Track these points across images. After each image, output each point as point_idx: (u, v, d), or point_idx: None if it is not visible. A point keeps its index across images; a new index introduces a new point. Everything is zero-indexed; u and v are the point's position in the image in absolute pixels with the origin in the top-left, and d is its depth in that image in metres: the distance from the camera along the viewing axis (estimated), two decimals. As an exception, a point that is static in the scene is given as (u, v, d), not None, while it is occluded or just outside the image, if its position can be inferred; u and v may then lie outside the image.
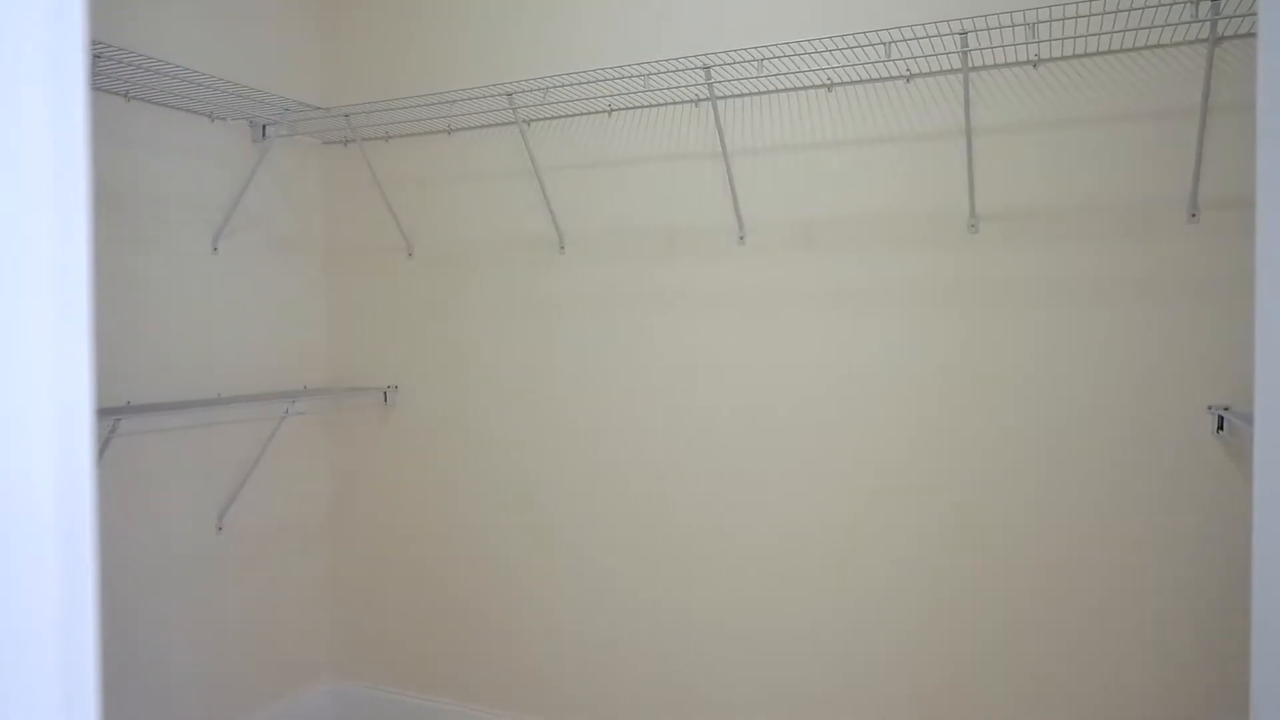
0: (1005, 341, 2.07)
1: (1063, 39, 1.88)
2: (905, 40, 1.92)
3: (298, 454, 2.76)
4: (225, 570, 2.52)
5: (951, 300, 2.11)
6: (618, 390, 2.47)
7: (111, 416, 1.99)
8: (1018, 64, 2.03)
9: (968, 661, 2.12)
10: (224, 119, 2.50)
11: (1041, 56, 2.00)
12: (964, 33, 1.84)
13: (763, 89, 2.25)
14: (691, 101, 2.35)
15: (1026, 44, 1.89)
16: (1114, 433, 1.98)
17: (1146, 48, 1.93)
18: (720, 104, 2.32)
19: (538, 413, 2.57)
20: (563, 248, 2.52)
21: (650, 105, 2.39)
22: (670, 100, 2.36)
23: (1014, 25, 1.83)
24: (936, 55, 2.00)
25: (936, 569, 2.14)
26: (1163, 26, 1.81)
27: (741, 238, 2.32)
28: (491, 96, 2.30)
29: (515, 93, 2.28)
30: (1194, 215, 1.90)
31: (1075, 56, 1.98)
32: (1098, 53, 1.96)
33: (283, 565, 2.71)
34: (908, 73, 2.12)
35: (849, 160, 2.20)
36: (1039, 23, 1.81)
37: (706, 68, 2.05)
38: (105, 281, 2.20)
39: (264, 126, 2.58)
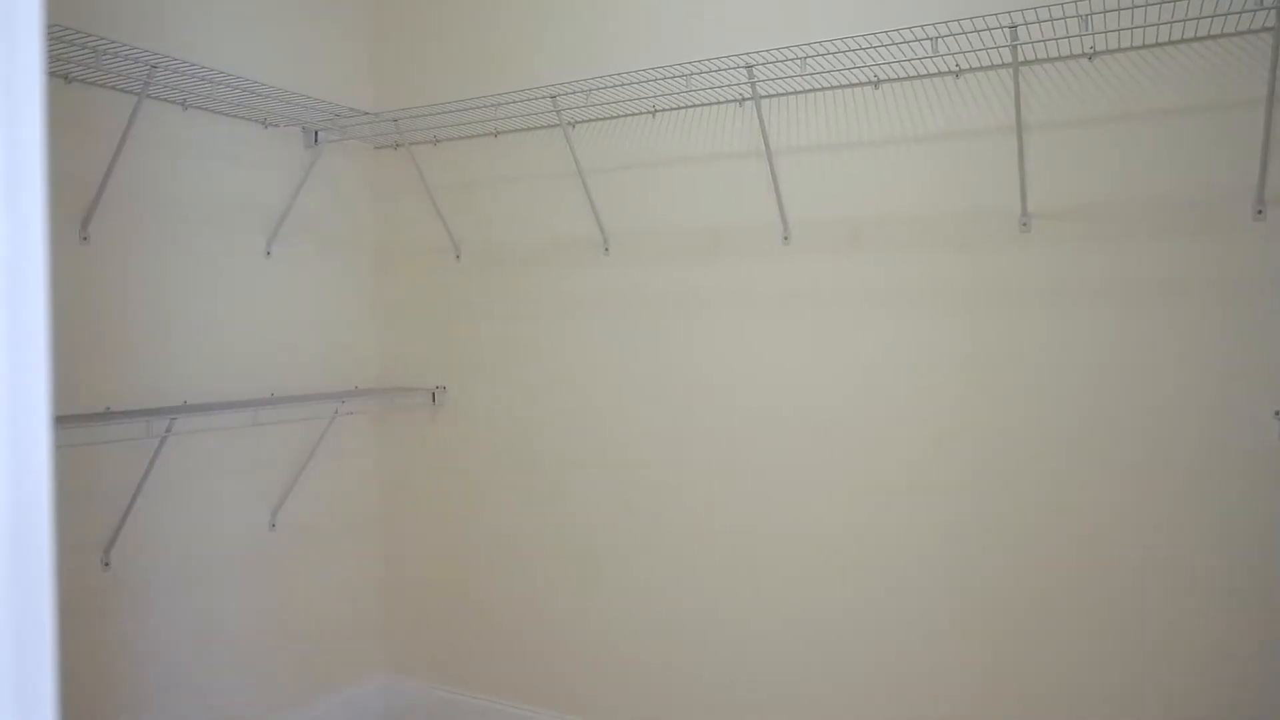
0: (1059, 342, 2.00)
1: (1119, 30, 1.81)
2: (953, 35, 1.87)
3: (348, 453, 2.81)
4: (279, 566, 2.58)
5: (1002, 300, 2.05)
6: (662, 391, 2.46)
7: (167, 415, 2.05)
8: (1072, 57, 1.96)
9: (1024, 663, 2.06)
10: (277, 125, 2.56)
11: (1097, 49, 1.93)
12: (1013, 26, 1.78)
13: (806, 87, 2.22)
14: (735, 101, 2.33)
15: (1080, 36, 1.83)
16: (1175, 438, 1.90)
17: (1209, 37, 1.85)
18: (764, 103, 2.29)
19: (583, 413, 2.57)
20: (607, 249, 2.52)
21: (693, 105, 2.38)
22: (713, 100, 2.34)
23: (1066, 17, 1.77)
24: (986, 50, 1.95)
25: (1004, 574, 2.09)
26: (1225, 15, 1.73)
27: (786, 238, 2.29)
28: (535, 99, 2.31)
29: (559, 95, 2.29)
30: (1260, 212, 1.82)
31: (1133, 48, 1.91)
32: (1157, 44, 1.89)
33: (335, 562, 2.76)
34: (956, 68, 2.07)
35: (896, 158, 2.15)
36: (1093, 14, 1.74)
37: (749, 67, 2.03)
38: (162, 285, 2.27)
39: (316, 132, 2.64)
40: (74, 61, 2.00)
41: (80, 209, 2.09)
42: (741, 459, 2.36)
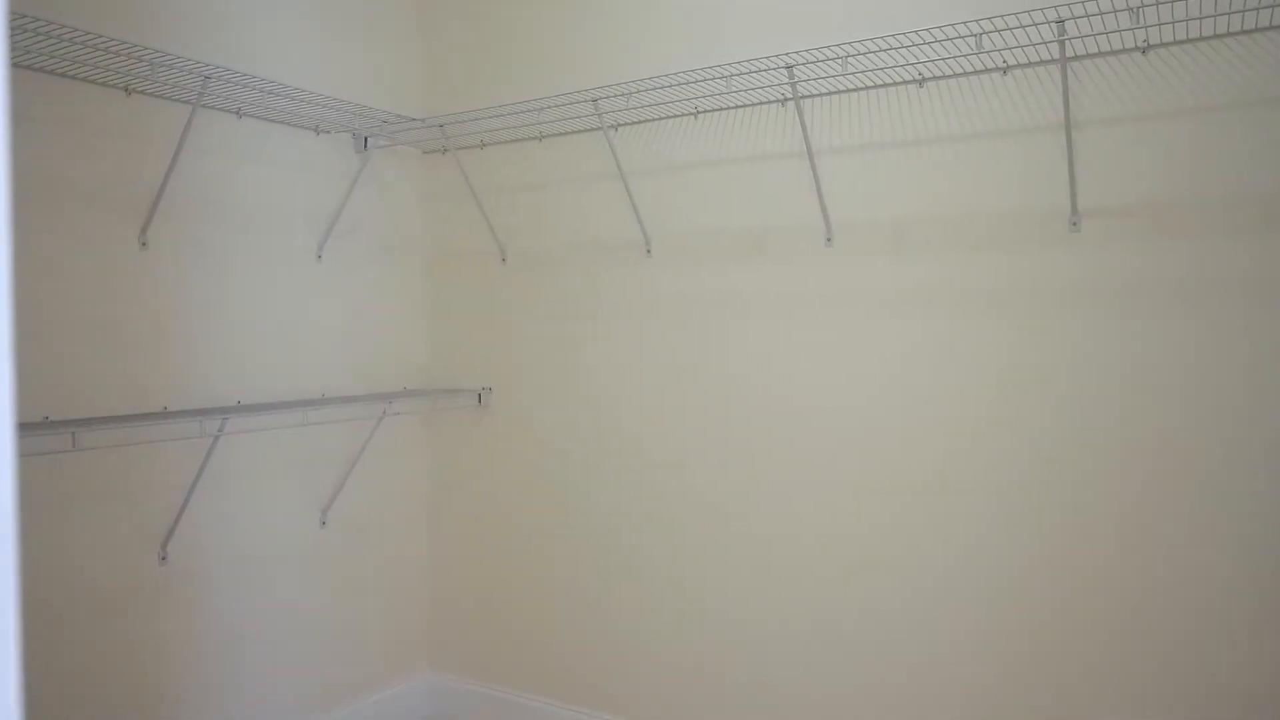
0: (1110, 342, 1.94)
1: (1172, 23, 1.74)
2: (997, 31, 1.83)
3: (397, 452, 2.86)
4: (329, 562, 2.64)
5: (1052, 301, 2.00)
6: (705, 392, 2.45)
7: (220, 415, 2.12)
8: (1124, 51, 1.90)
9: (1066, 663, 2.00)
10: (328, 132, 2.62)
11: (1151, 42, 1.87)
12: (1060, 21, 1.73)
13: (848, 87, 2.19)
14: (778, 101, 2.31)
15: (1133, 29, 1.77)
16: (1232, 440, 1.83)
17: (1271, 28, 1.77)
18: (805, 103, 2.27)
19: (625, 414, 2.58)
20: (649, 251, 2.53)
21: (735, 107, 2.37)
22: (754, 101, 2.33)
23: (1116, 10, 1.71)
24: (1034, 45, 1.89)
25: (1037, 575, 2.03)
26: (1286, 5, 1.65)
27: (829, 239, 2.26)
28: (577, 103, 2.32)
29: (600, 99, 2.30)
30: (1325, 210, 1.73)
31: (1189, 41, 1.84)
32: (1214, 36, 1.82)
33: (383, 559, 2.82)
34: (1004, 64, 2.02)
35: (941, 157, 2.11)
36: (1144, 6, 1.68)
37: (789, 67, 2.01)
38: (217, 289, 2.34)
39: (365, 138, 2.69)
40: (132, 74, 2.07)
41: (139, 216, 2.17)
42: (786, 461, 2.34)
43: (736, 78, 2.23)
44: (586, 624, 2.66)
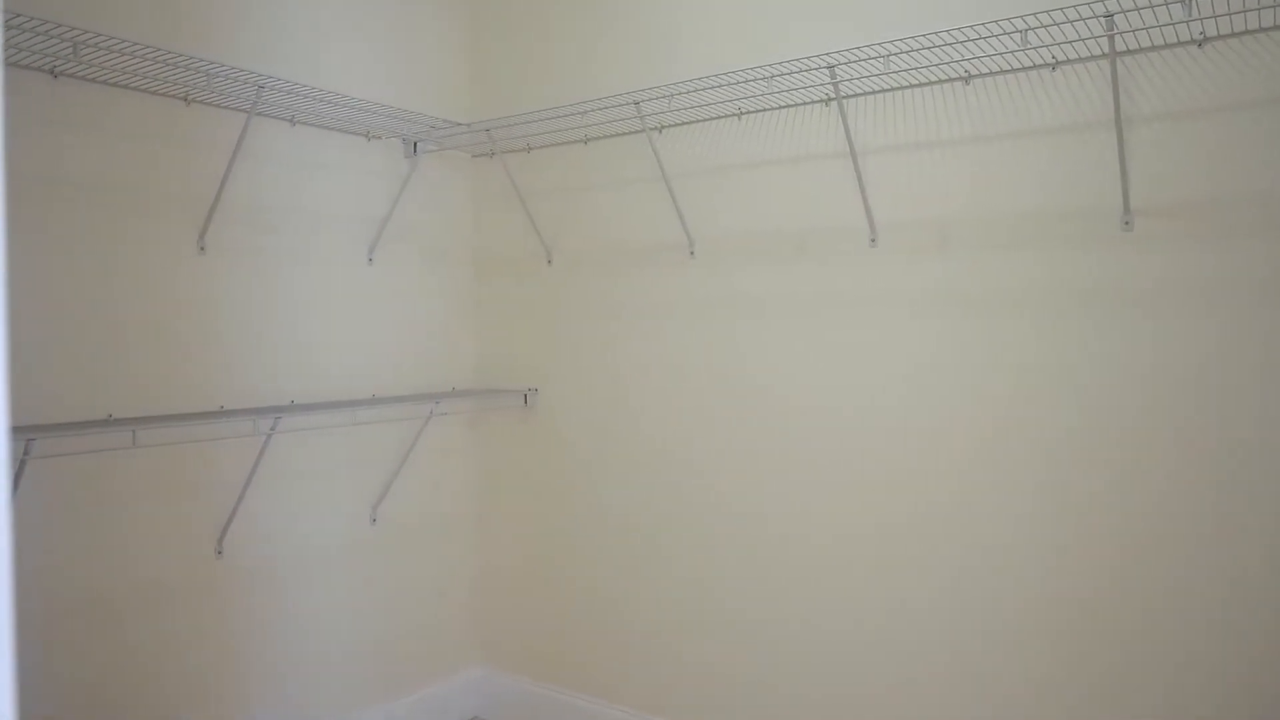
0: (1164, 344, 1.88)
1: (1229, 14, 1.68)
2: (1044, 27, 1.79)
3: (445, 451, 2.91)
4: (379, 559, 2.70)
5: (1104, 302, 1.94)
6: (747, 392, 2.44)
7: (273, 414, 2.18)
8: (1179, 44, 1.84)
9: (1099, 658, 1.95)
10: (379, 137, 2.68)
11: (1207, 34, 1.81)
12: (1109, 15, 1.69)
13: (892, 85, 2.16)
14: (821, 101, 2.30)
15: (1187, 22, 1.71)
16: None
17: (1335, 18, 1.70)
18: (848, 102, 2.25)
19: (670, 415, 2.59)
20: (693, 253, 2.53)
21: (777, 107, 2.36)
22: (797, 101, 2.31)
23: (1168, 3, 1.66)
24: (1083, 40, 1.85)
25: (1071, 574, 1.98)
26: (1350, -7, 1.59)
27: (873, 240, 2.24)
28: (620, 105, 2.34)
29: (642, 100, 2.31)
30: (1394, 207, 1.66)
31: (1247, 32, 1.77)
32: (1275, 26, 1.75)
33: (432, 556, 2.87)
34: (1053, 60, 1.98)
35: (988, 156, 2.07)
36: (1197, -2, 1.63)
37: (831, 66, 2.00)
38: (271, 291, 2.42)
39: (415, 143, 2.75)
40: (190, 85, 2.15)
41: (198, 221, 2.25)
42: (834, 461, 2.32)
43: (778, 78, 2.22)
44: (632, 623, 2.68)
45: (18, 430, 1.78)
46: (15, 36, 1.77)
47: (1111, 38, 1.71)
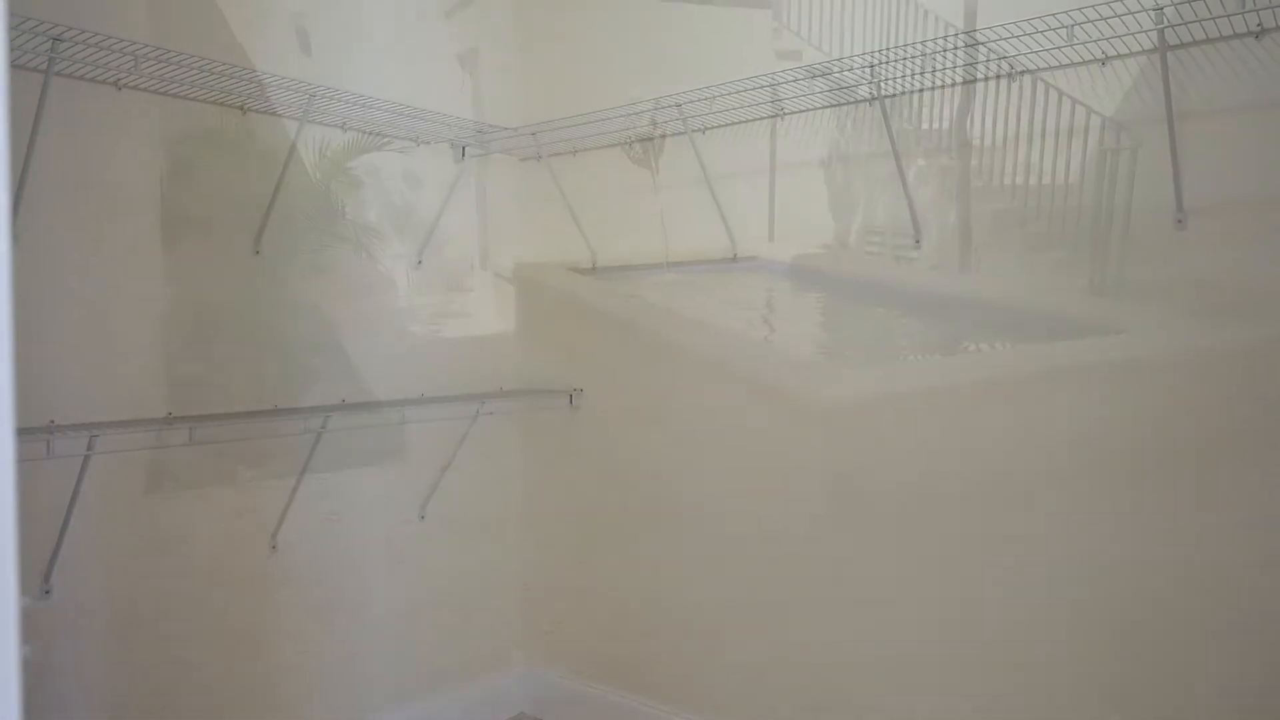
0: (1218, 347, 1.82)
1: (1286, 5, 1.62)
2: (1090, 21, 1.75)
3: (491, 451, 2.96)
4: (427, 556, 2.76)
5: (1155, 302, 1.89)
6: (792, 395, 2.43)
7: (322, 413, 2.25)
8: (1235, 36, 1.78)
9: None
10: (427, 142, 2.73)
11: (1264, 26, 1.74)
12: (1159, 8, 1.64)
13: (932, 84, 2.13)
14: (865, 100, 2.27)
15: (1242, 14, 1.65)
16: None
17: (1402, 6, 1.62)
18: (890, 101, 2.22)
19: (712, 417, 2.59)
20: (735, 257, 2.53)
21: (819, 108, 2.34)
22: (838, 101, 2.30)
23: (1221, -6, 1.61)
24: (1133, 34, 1.80)
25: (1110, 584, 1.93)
26: None
27: (917, 241, 2.21)
28: (664, 109, 2.35)
29: (684, 103, 2.32)
30: None
31: (1308, 23, 1.71)
32: (1338, 16, 1.68)
33: (479, 554, 2.92)
34: (1102, 55, 1.93)
35: (1035, 154, 2.03)
36: (1252, -11, 1.58)
37: (871, 66, 1.98)
38: (324, 293, 2.49)
39: (463, 147, 2.80)
40: (245, 95, 2.22)
41: (254, 225, 2.33)
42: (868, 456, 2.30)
43: (818, 79, 2.21)
44: (676, 623, 2.68)
45: (81, 426, 1.87)
46: (80, 52, 1.86)
47: (1162, 31, 1.67)
